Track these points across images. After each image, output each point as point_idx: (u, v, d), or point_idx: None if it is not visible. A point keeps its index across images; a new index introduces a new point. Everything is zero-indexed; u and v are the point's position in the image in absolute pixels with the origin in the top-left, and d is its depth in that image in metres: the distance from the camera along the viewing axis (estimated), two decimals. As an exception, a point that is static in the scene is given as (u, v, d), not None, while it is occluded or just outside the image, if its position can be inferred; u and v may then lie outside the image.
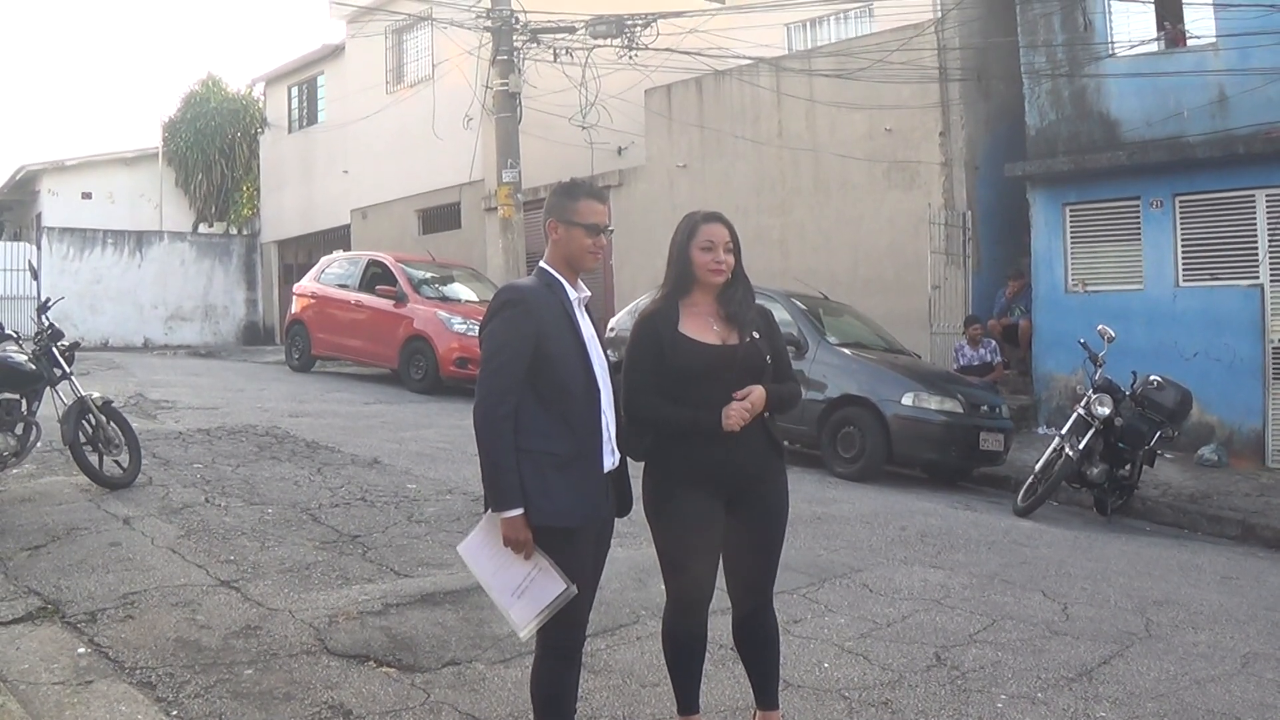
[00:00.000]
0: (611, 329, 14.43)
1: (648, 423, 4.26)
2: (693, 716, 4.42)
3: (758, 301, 4.46)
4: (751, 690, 4.54)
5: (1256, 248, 13.76)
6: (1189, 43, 14.63)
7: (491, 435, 3.74)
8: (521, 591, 3.79)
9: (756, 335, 4.29)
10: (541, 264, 4.04)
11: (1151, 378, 11.39)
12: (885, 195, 17.09)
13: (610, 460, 4.00)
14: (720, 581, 4.40)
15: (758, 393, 4.16)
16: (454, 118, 21.49)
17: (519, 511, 3.72)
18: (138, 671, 4.93)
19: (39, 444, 8.60)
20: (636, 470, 4.25)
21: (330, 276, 19.17)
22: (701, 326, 4.28)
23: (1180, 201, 14.43)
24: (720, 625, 4.90)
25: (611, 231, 4.15)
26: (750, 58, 18.63)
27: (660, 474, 4.28)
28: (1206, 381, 13.47)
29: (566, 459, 3.81)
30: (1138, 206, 14.80)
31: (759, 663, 4.46)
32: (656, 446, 4.27)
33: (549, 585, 3.75)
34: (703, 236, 4.31)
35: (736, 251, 4.35)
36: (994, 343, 15.40)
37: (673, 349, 4.22)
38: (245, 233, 31.29)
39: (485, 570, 3.91)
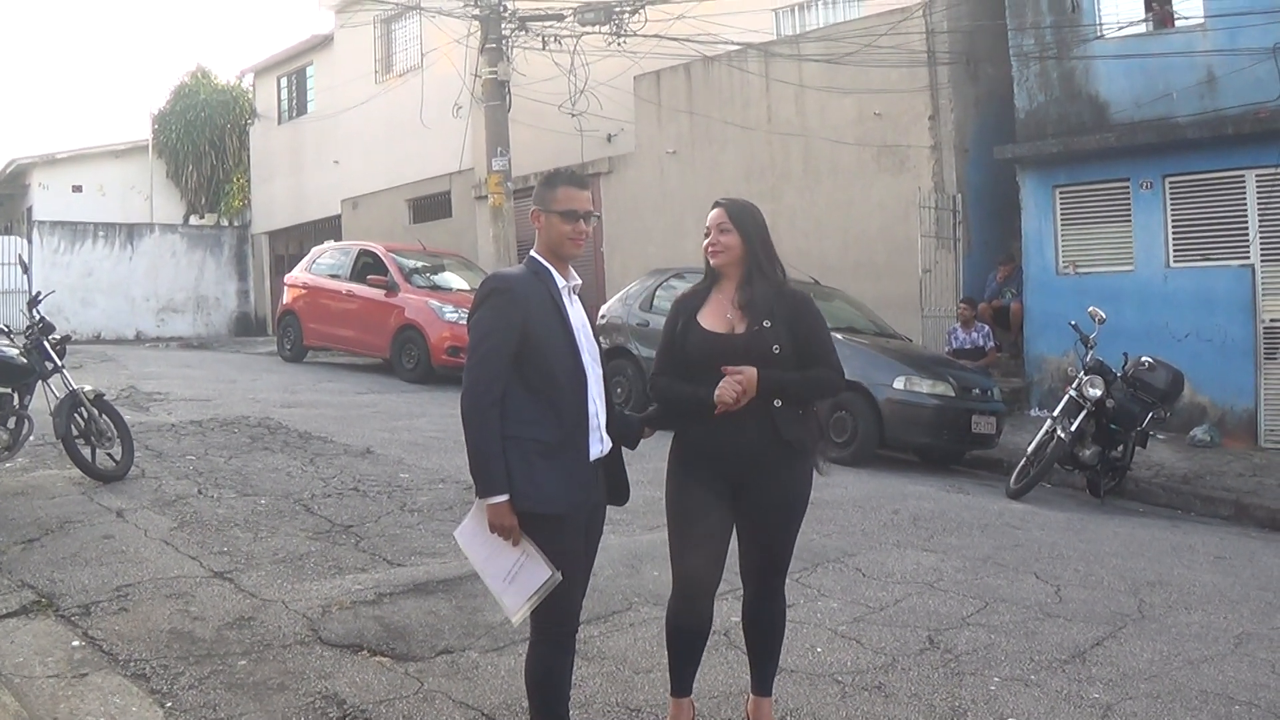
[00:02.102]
0: (603, 316, 14.40)
1: (661, 399, 4.39)
2: (684, 699, 4.42)
3: (793, 287, 4.48)
4: (749, 675, 4.56)
5: (1247, 228, 13.78)
6: (1177, 23, 14.62)
7: (478, 422, 3.75)
8: (512, 577, 3.80)
9: (767, 324, 4.27)
10: (531, 253, 4.05)
11: (1143, 359, 11.41)
12: (875, 179, 17.07)
13: (598, 448, 3.99)
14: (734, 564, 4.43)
15: (749, 372, 4.15)
16: (443, 106, 21.47)
17: (504, 498, 3.73)
18: (132, 664, 4.93)
19: (31, 437, 8.59)
20: (631, 458, 4.24)
21: (321, 267, 19.15)
22: (718, 314, 4.36)
23: (1170, 182, 14.43)
24: (719, 610, 4.91)
25: (597, 217, 4.15)
26: (739, 43, 18.60)
27: (673, 458, 4.37)
28: (1198, 362, 13.50)
29: (553, 446, 3.81)
30: (1128, 188, 14.80)
31: (759, 649, 4.50)
32: (675, 430, 4.36)
33: (535, 571, 3.76)
34: (706, 224, 4.40)
35: (750, 234, 4.37)
36: (987, 328, 15.40)
37: (683, 335, 4.36)
38: (236, 224, 31.23)
39: (479, 556, 3.92)
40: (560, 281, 3.98)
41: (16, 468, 8.72)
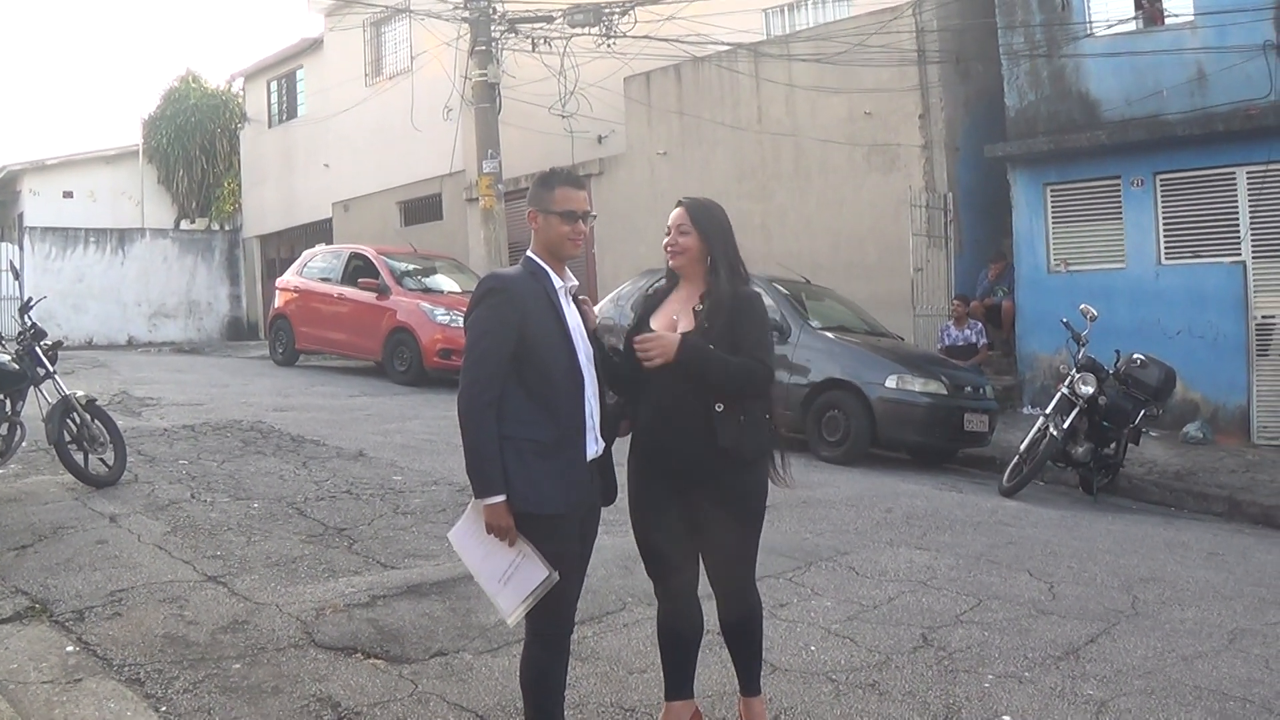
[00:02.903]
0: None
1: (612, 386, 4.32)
2: (676, 703, 4.41)
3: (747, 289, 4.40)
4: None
5: (1238, 225, 13.81)
6: (1167, 21, 14.65)
7: (475, 423, 3.74)
8: (507, 578, 3.79)
9: (706, 325, 4.22)
10: (527, 253, 4.05)
11: (1135, 356, 11.42)
12: (866, 179, 17.09)
13: (594, 448, 4.00)
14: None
15: (669, 336, 4.15)
16: (434, 109, 21.49)
17: (501, 498, 3.73)
18: (126, 668, 4.93)
19: (24, 444, 8.57)
20: (621, 460, 4.24)
21: (313, 270, 19.12)
22: (669, 316, 4.35)
23: (1161, 180, 14.46)
24: (709, 610, 4.92)
25: (594, 217, 4.14)
26: (729, 43, 18.61)
27: (629, 461, 4.37)
28: (1190, 359, 13.52)
29: (550, 446, 3.81)
30: (1118, 185, 14.83)
31: (736, 650, 4.48)
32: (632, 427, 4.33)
33: (532, 572, 3.75)
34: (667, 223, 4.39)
35: (710, 235, 4.34)
36: (980, 325, 15.41)
37: (634, 332, 4.33)
38: (227, 228, 31.16)
39: (474, 557, 3.92)
40: (557, 282, 3.99)
41: (9, 474, 8.70)
